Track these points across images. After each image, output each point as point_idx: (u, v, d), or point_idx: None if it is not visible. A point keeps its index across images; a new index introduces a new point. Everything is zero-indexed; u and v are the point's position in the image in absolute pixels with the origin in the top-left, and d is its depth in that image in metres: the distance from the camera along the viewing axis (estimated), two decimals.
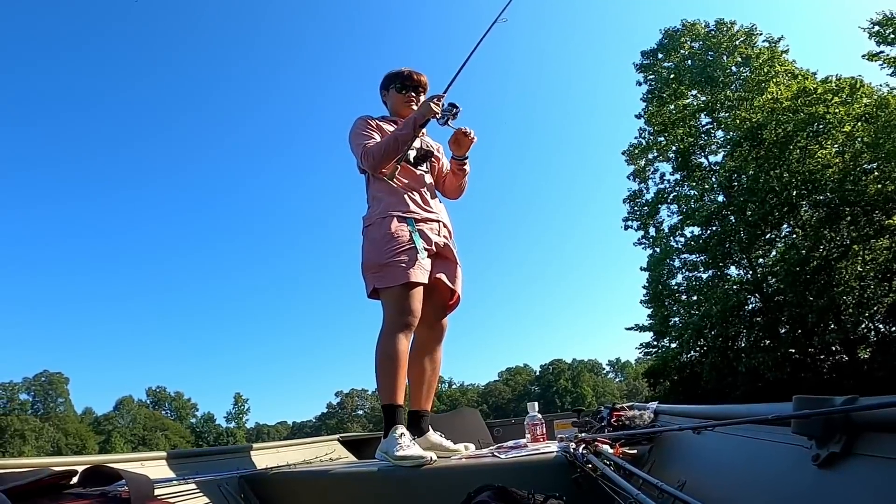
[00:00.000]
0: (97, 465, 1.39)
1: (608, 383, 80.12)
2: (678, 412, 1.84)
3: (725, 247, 18.75)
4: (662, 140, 20.81)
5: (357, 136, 2.63)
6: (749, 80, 18.59)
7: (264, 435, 78.03)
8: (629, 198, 22.19)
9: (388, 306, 2.44)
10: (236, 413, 72.91)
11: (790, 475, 0.94)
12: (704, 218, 18.89)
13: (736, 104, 18.61)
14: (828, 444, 0.83)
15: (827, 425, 0.83)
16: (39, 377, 63.25)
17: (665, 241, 20.89)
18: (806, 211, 17.12)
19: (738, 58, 19.17)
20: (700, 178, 20.30)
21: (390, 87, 2.79)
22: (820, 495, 0.84)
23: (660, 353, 21.78)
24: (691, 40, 20.35)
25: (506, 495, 1.35)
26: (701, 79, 19.30)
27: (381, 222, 2.50)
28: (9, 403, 60.10)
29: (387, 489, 2.07)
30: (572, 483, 1.63)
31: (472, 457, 2.26)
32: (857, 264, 15.97)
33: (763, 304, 18.24)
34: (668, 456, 1.64)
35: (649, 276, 21.08)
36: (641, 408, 2.07)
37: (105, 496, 1.22)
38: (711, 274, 19.83)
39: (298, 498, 2.22)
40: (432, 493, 1.92)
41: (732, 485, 1.16)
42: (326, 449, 3.51)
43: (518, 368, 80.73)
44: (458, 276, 2.66)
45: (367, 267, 2.51)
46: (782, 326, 17.78)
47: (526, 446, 2.33)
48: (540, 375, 78.62)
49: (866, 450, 0.77)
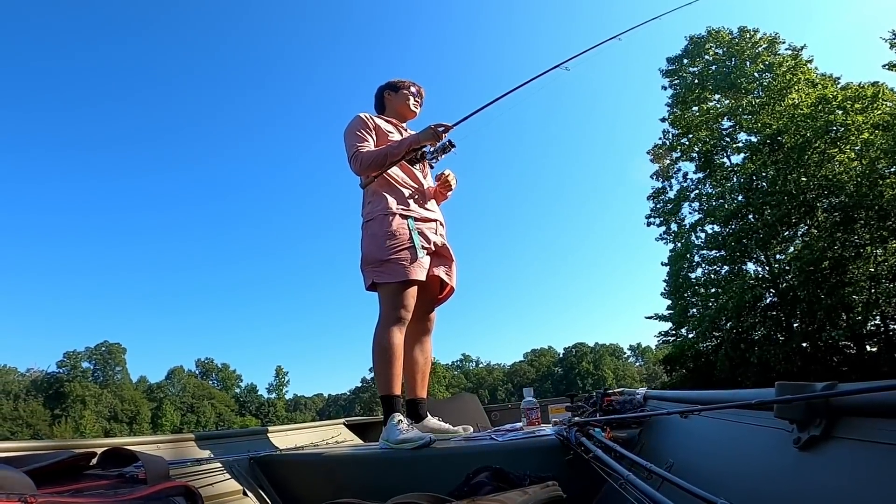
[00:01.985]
0: (115, 447, 1.42)
1: (628, 367, 79.41)
2: (666, 397, 1.83)
3: (743, 244, 18.87)
4: (685, 142, 20.96)
5: (352, 136, 2.62)
6: (771, 86, 18.54)
7: (302, 406, 79.70)
8: (652, 195, 22.47)
9: (386, 301, 2.45)
10: (277, 385, 74.48)
11: (772, 457, 0.94)
12: (724, 216, 19.07)
13: (757, 109, 18.62)
14: (808, 427, 0.84)
15: (808, 410, 0.84)
16: (100, 347, 65.17)
17: (686, 237, 21.07)
18: (822, 213, 17.18)
19: (760, 65, 19.13)
20: (722, 177, 20.42)
21: (399, 90, 2.80)
22: (801, 476, 0.84)
23: (677, 341, 22.05)
24: (716, 46, 20.33)
25: (502, 476, 1.35)
26: (724, 84, 19.32)
27: (382, 219, 2.50)
28: (72, 371, 62.01)
29: (389, 470, 2.06)
30: (566, 464, 1.65)
31: (471, 439, 2.25)
32: (870, 265, 16.04)
33: (778, 300, 18.36)
34: (657, 439, 1.63)
35: (670, 270, 21.36)
36: (631, 393, 2.07)
37: (123, 476, 1.23)
38: (729, 269, 19.98)
39: (306, 478, 2.21)
40: (433, 473, 1.90)
41: (718, 466, 1.16)
42: (332, 432, 3.50)
43: (543, 350, 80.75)
44: (454, 272, 2.70)
45: (367, 261, 2.51)
46: (795, 321, 17.92)
47: (522, 429, 2.33)
48: (563, 357, 78.43)
49: (845, 433, 0.78)
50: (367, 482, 2.06)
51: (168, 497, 1.15)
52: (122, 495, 1.08)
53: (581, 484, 1.53)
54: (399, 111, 2.80)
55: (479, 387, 74.37)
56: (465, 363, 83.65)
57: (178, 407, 66.00)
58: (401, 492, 1.26)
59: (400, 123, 2.79)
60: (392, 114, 2.81)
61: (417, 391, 2.63)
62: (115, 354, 65.54)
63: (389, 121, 2.75)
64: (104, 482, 1.16)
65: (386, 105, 2.84)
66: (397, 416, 2.27)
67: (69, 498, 1.01)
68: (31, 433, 53.45)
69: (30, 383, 61.57)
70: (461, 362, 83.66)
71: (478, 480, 1.31)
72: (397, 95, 2.80)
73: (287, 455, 2.37)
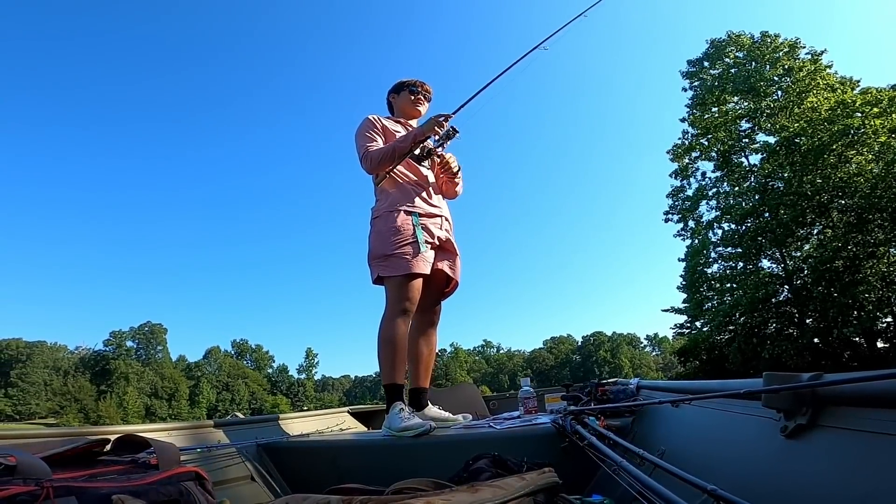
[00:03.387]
0: (128, 433, 1.41)
1: (645, 356, 79.23)
2: (658, 387, 1.84)
3: (759, 241, 18.88)
4: (705, 142, 20.91)
5: (361, 136, 2.63)
6: (790, 90, 18.40)
7: (329, 386, 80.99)
8: (671, 193, 22.42)
9: (391, 293, 2.45)
10: (307, 366, 76.14)
11: (760, 445, 0.95)
12: (740, 215, 19.09)
13: (776, 112, 18.53)
14: (795, 416, 0.85)
15: (795, 399, 0.85)
16: (143, 327, 67.29)
17: (703, 233, 21.08)
18: (837, 214, 17.14)
19: (780, 69, 18.95)
20: (739, 177, 20.37)
21: (401, 91, 2.83)
22: (787, 463, 0.85)
23: (692, 334, 22.11)
24: (736, 50, 20.18)
25: (501, 462, 1.35)
26: (744, 87, 19.21)
27: (387, 216, 2.51)
28: (117, 349, 64.27)
29: (391, 457, 2.07)
30: (561, 451, 1.65)
31: (470, 427, 2.25)
32: (882, 265, 15.99)
33: (792, 296, 18.38)
34: (649, 427, 1.64)
35: (687, 266, 21.39)
36: (625, 383, 2.07)
37: (135, 462, 1.23)
38: (744, 266, 19.98)
39: (311, 464, 2.22)
40: (433, 460, 1.91)
41: (708, 453, 1.17)
42: (337, 420, 3.52)
43: (561, 338, 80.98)
44: (458, 266, 2.71)
45: (373, 256, 2.52)
46: (808, 317, 17.91)
47: (519, 418, 2.34)
48: (581, 345, 78.61)
49: (830, 422, 0.79)
50: (369, 468, 2.07)
51: (179, 481, 1.17)
52: (135, 480, 1.10)
53: (576, 470, 1.55)
54: (404, 110, 2.82)
55: (499, 372, 74.83)
56: (486, 349, 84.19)
57: (215, 385, 67.87)
58: (402, 477, 1.26)
59: (407, 122, 2.81)
60: (399, 114, 2.84)
61: (420, 381, 2.65)
62: (156, 334, 67.51)
63: (398, 121, 2.79)
64: (117, 467, 1.17)
65: (393, 106, 2.89)
66: (399, 404, 2.28)
67: (83, 483, 1.01)
68: (79, 408, 55.40)
69: (78, 360, 64.23)
70: (482, 348, 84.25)
71: (477, 466, 1.32)
72: (400, 96, 2.83)
73: (293, 442, 2.39)
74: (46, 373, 59.61)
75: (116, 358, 62.84)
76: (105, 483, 1.04)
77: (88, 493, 0.99)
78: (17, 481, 0.93)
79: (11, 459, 0.97)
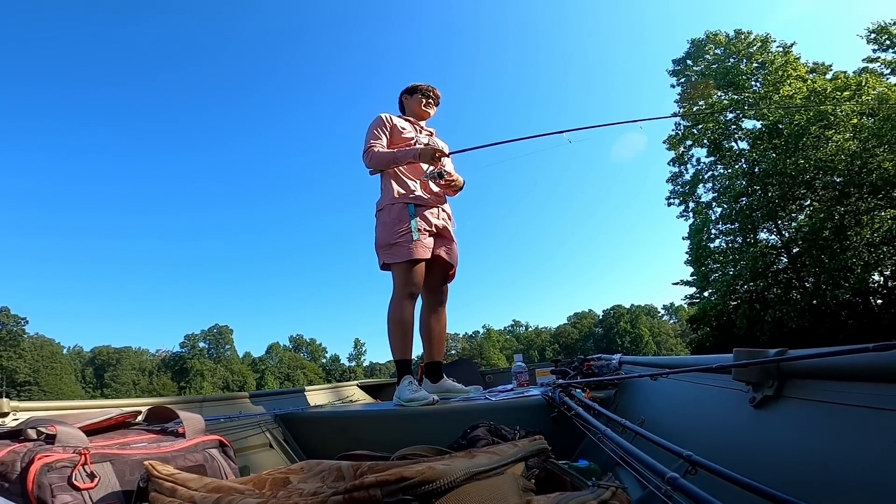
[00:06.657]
0: (158, 405, 1.43)
1: (663, 325, 77.89)
2: (639, 362, 1.83)
3: (753, 217, 19.20)
4: (696, 132, 21.24)
5: (370, 133, 2.68)
6: (766, 81, 18.64)
7: (377, 371, 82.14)
8: (671, 178, 22.83)
9: (396, 278, 2.48)
10: (356, 354, 77.82)
11: (731, 415, 0.96)
12: (734, 196, 19.47)
13: (756, 101, 18.79)
14: (762, 388, 0.85)
15: (762, 373, 0.86)
16: (212, 329, 69.58)
17: (704, 213, 21.48)
18: (821, 189, 17.44)
19: (755, 63, 19.17)
20: (731, 160, 20.65)
21: (414, 93, 2.84)
22: (755, 431, 0.86)
23: (701, 303, 22.37)
24: (714, 47, 20.39)
25: (496, 431, 1.36)
26: (724, 82, 19.49)
27: (390, 208, 2.54)
28: (191, 350, 66.88)
29: (397, 425, 2.08)
30: (551, 421, 1.66)
31: (468, 399, 2.28)
32: (867, 231, 16.31)
33: (790, 264, 18.73)
34: (630, 399, 1.64)
35: (691, 242, 21.80)
36: (608, 358, 2.05)
37: (164, 431, 1.23)
38: (743, 239, 20.31)
39: (323, 433, 2.23)
40: (436, 428, 1.93)
41: (683, 422, 1.18)
42: (348, 392, 3.55)
43: (584, 313, 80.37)
44: (455, 252, 2.70)
45: (379, 245, 2.54)
46: (806, 282, 18.22)
47: (513, 390, 2.34)
48: (602, 319, 77.88)
49: (794, 393, 0.80)
50: (377, 436, 2.09)
51: (204, 449, 1.17)
52: (164, 447, 1.10)
53: (564, 437, 1.55)
54: (415, 111, 2.85)
55: (529, 348, 75.03)
56: (515, 328, 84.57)
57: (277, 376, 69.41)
58: (407, 445, 1.26)
59: (417, 122, 2.84)
60: (409, 114, 2.87)
61: (434, 355, 2.68)
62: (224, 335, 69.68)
63: (408, 119, 2.82)
64: (148, 436, 1.18)
65: (404, 106, 2.91)
66: (408, 377, 2.32)
67: (117, 450, 1.02)
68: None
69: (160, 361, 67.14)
70: (512, 327, 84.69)
71: (474, 434, 1.33)
72: (413, 98, 2.85)
73: (308, 413, 2.39)
74: (134, 374, 62.39)
75: (192, 357, 65.17)
76: (137, 450, 1.06)
77: (121, 459, 1.02)
78: (57, 448, 0.94)
79: (52, 429, 0.99)
